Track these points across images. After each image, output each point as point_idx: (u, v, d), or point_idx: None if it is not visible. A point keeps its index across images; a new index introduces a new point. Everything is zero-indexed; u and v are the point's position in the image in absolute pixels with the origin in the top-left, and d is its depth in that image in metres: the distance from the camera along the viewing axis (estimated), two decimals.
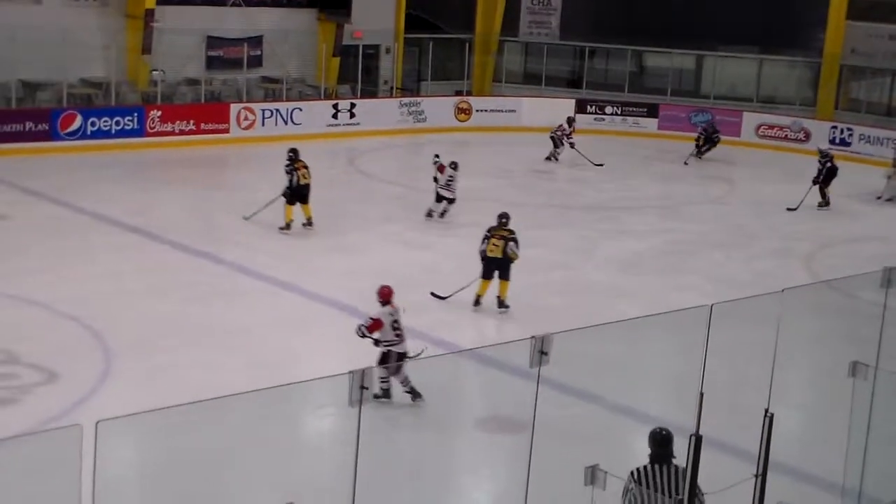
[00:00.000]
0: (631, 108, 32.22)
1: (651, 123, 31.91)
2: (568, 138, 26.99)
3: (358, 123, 29.33)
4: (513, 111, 31.78)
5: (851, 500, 7.86)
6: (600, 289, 16.82)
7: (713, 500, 6.80)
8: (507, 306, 15.05)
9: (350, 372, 5.69)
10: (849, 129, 30.00)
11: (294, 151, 19.07)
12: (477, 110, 31.61)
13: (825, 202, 23.29)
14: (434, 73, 32.89)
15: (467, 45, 33.73)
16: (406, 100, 31.04)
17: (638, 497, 7.02)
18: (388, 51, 32.54)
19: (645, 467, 7.10)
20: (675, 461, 7.10)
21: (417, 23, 33.15)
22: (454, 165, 19.98)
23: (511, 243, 14.93)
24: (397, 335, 11.57)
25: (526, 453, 6.99)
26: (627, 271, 18.03)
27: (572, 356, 10.63)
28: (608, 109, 32.20)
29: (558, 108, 31.79)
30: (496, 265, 15.02)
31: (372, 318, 11.50)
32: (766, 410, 7.30)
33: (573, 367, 11.81)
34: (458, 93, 32.77)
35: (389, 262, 17.15)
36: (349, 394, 5.69)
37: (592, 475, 6.83)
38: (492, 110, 31.80)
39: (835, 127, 30.36)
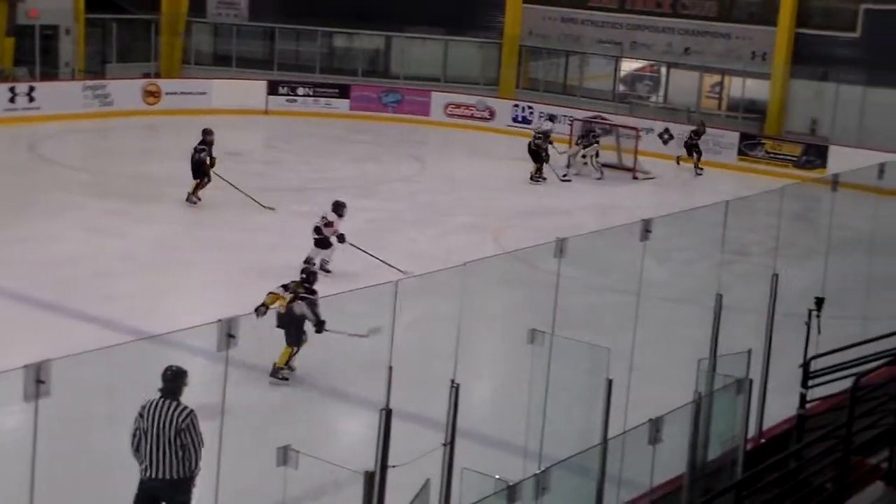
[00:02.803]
0: (323, 89, 32.34)
1: (343, 104, 32.14)
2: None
3: (38, 108, 27.87)
4: (203, 93, 31.14)
5: (532, 461, 8.24)
6: (296, 270, 16.78)
7: (404, 472, 6.96)
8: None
9: (25, 366, 5.44)
10: (529, 108, 31.40)
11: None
12: (166, 93, 30.75)
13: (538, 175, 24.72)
14: (120, 55, 31.80)
15: (153, 25, 32.80)
16: (90, 83, 29.77)
17: (142, 427, 8.00)
18: (68, 31, 31.12)
19: (153, 401, 8.04)
20: (181, 399, 8.01)
21: (99, 2, 31.87)
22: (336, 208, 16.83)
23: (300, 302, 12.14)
24: None
25: (217, 438, 6.92)
26: None
27: (266, 338, 10.66)
28: (300, 91, 32.16)
29: (250, 89, 31.51)
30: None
31: None
32: (453, 381, 7.53)
33: (268, 349, 11.85)
34: (146, 75, 31.81)
35: (80, 250, 16.56)
36: (24, 390, 5.44)
37: (284, 456, 6.83)
38: (182, 93, 31.02)
39: (517, 105, 31.69)
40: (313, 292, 12.27)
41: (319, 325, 11.85)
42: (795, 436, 9.83)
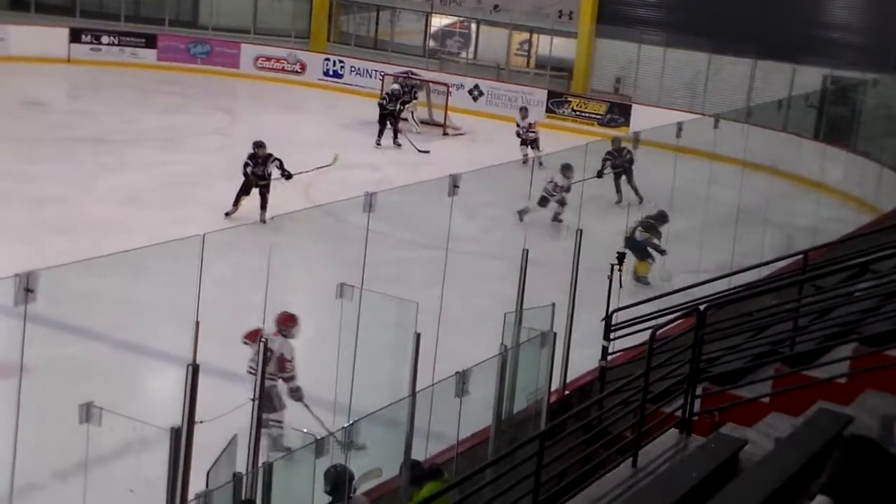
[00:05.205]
0: (128, 39, 31.29)
1: (150, 54, 31.19)
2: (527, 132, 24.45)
3: None
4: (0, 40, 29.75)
5: (342, 415, 8.30)
6: (100, 224, 16.38)
7: (211, 427, 6.91)
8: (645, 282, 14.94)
9: None
10: (340, 62, 31.18)
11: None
12: None
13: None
14: None
15: None
16: None
17: None
18: None
19: None
20: None
21: None
22: (566, 173, 17.83)
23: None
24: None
25: (15, 396, 6.69)
26: (129, 205, 17.70)
27: (69, 293, 10.34)
28: (105, 39, 31.01)
29: (50, 36, 30.25)
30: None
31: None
32: (261, 336, 7.52)
33: (71, 305, 11.50)
34: None
35: None
36: None
37: (88, 412, 6.69)
38: None
39: (328, 59, 31.44)
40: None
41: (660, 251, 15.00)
42: (598, 387, 10.18)
